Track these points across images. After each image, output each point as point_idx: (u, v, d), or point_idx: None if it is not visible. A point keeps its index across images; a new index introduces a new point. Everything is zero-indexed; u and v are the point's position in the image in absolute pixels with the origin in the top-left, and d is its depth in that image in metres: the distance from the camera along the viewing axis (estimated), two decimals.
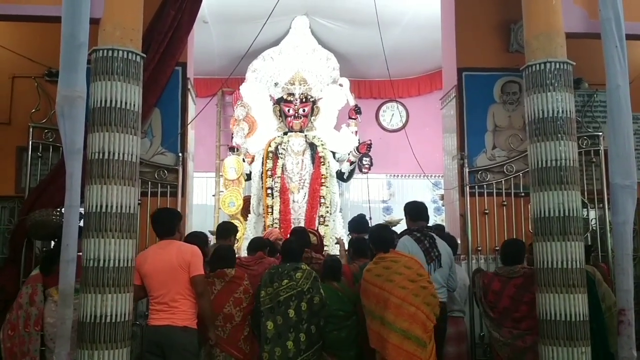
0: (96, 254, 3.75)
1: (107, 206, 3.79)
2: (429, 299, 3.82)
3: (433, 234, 4.43)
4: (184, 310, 3.73)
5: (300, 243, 4.59)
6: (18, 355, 4.11)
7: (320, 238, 5.55)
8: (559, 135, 4.20)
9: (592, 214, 5.53)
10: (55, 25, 3.92)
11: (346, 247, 5.58)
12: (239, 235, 7.02)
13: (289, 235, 5.27)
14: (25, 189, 5.09)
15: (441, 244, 4.37)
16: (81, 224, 3.89)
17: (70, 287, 3.69)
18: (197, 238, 4.42)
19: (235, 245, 6.92)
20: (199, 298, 3.76)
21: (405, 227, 4.63)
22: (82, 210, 3.90)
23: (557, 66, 4.26)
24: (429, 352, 3.74)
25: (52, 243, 5.00)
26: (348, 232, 5.83)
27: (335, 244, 6.77)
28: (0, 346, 4.19)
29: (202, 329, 3.88)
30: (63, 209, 3.87)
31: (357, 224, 5.70)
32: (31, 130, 5.13)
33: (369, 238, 4.40)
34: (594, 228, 5.52)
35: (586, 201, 5.25)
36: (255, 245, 4.91)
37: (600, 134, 5.48)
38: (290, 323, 4.03)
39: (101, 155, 3.84)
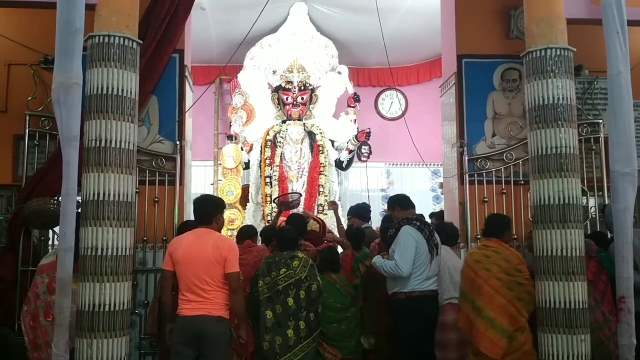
0: (94, 243, 3.74)
1: (104, 194, 3.78)
2: (524, 295, 4.06)
3: (429, 223, 4.45)
4: (217, 301, 3.62)
5: (296, 231, 4.58)
6: (42, 346, 4.01)
7: (323, 225, 5.53)
8: (559, 122, 4.17)
9: (592, 201, 5.51)
10: (50, 12, 3.87)
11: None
12: (237, 224, 7.03)
13: (285, 223, 5.25)
14: (23, 178, 5.06)
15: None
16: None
17: (69, 276, 3.68)
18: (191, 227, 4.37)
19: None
20: (232, 294, 3.64)
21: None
22: (79, 198, 3.87)
23: (558, 52, 4.23)
24: (516, 346, 3.95)
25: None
26: (348, 216, 5.84)
27: (329, 208, 6.72)
28: (24, 338, 4.13)
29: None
30: (60, 197, 3.85)
31: (360, 210, 5.71)
32: (28, 118, 5.08)
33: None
34: (594, 216, 5.50)
35: (586, 189, 5.23)
36: (244, 234, 4.88)
37: (601, 121, 5.45)
38: (290, 312, 4.03)
39: (98, 143, 3.81)
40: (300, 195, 6.73)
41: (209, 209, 3.82)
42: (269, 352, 3.99)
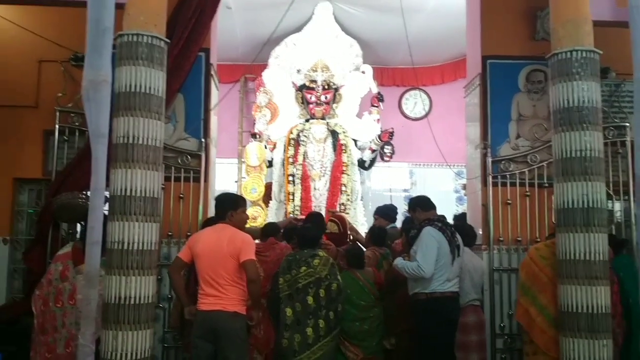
0: (121, 237, 3.83)
1: (131, 190, 3.86)
2: None
3: (451, 224, 4.44)
4: (232, 296, 3.71)
5: (317, 229, 4.62)
6: (49, 330, 4.19)
7: (343, 225, 5.54)
8: (584, 125, 4.14)
9: (618, 205, 5.43)
10: (81, 10, 3.92)
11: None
12: (259, 221, 7.09)
13: (304, 221, 5.29)
14: (52, 172, 5.18)
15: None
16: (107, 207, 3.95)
17: (95, 269, 3.73)
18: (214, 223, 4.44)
19: None
20: (249, 283, 3.72)
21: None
22: (107, 193, 3.95)
23: (584, 55, 4.19)
24: None
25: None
26: (375, 216, 5.87)
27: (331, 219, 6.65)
28: (34, 321, 4.27)
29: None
30: (89, 192, 3.94)
31: (387, 210, 5.75)
32: (58, 114, 5.20)
33: None
34: (619, 220, 5.43)
35: (611, 193, 5.17)
36: (268, 231, 4.93)
37: (628, 124, 5.38)
38: (309, 310, 4.07)
39: (126, 139, 3.89)
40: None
41: (224, 206, 3.95)
42: (288, 350, 4.03)
